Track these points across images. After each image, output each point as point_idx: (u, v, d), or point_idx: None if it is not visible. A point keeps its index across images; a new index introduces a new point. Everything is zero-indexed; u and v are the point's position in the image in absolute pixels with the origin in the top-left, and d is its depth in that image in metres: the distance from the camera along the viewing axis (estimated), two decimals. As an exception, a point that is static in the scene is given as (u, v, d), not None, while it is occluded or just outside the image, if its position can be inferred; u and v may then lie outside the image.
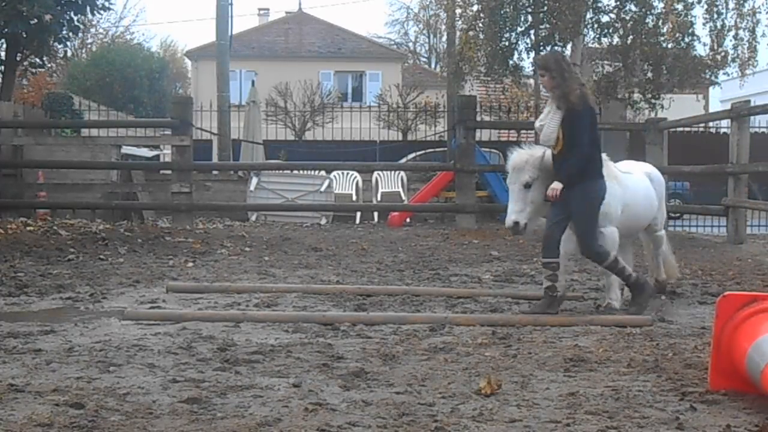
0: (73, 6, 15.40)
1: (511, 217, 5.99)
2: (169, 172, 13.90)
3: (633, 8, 18.64)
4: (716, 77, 19.97)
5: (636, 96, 19.53)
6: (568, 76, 5.96)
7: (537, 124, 6.03)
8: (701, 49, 19.17)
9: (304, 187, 15.25)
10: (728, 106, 11.94)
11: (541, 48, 19.52)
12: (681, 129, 16.35)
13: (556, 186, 5.86)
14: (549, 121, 5.90)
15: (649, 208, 6.62)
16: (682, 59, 18.41)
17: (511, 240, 10.86)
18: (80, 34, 25.29)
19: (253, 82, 20.81)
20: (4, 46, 16.21)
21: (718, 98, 35.21)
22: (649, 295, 6.17)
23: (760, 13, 18.77)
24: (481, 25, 19.53)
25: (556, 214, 5.97)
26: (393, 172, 17.32)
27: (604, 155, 6.21)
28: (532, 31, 19.49)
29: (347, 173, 17.03)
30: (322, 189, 15.25)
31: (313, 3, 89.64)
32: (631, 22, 18.52)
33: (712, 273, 8.04)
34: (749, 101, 11.95)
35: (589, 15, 18.79)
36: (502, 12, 19.02)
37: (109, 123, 18.17)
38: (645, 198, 6.55)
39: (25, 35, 15.11)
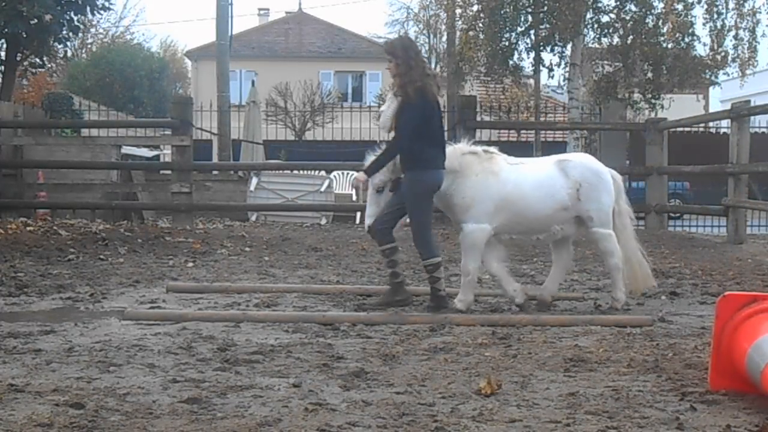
0: (73, 6, 15.40)
1: (366, 221, 6.09)
2: (169, 172, 13.90)
3: (633, 8, 18.65)
4: (716, 77, 19.98)
5: (636, 96, 19.54)
6: (413, 65, 5.92)
7: (381, 109, 6.08)
8: (701, 49, 19.21)
9: (304, 187, 15.25)
10: (728, 106, 11.94)
11: (542, 48, 19.55)
12: (681, 129, 16.35)
13: (359, 176, 6.09)
14: (386, 108, 5.99)
15: (546, 201, 6.08)
16: (682, 59, 18.42)
17: (510, 240, 10.84)
18: (80, 34, 25.28)
19: (253, 82, 20.81)
20: (4, 46, 16.21)
21: (718, 98, 35.20)
22: (441, 308, 6.00)
23: (760, 13, 18.81)
24: (481, 25, 19.55)
25: (392, 204, 6.11)
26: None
27: (492, 148, 6.21)
28: (532, 31, 19.50)
29: (347, 173, 17.03)
30: (322, 189, 15.25)
31: (313, 3, 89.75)
32: (631, 22, 18.54)
33: (712, 273, 8.03)
34: (749, 101, 11.96)
35: (589, 15, 18.80)
36: (502, 12, 19.04)
37: (109, 123, 18.15)
38: (536, 190, 6.07)
39: (25, 35, 15.11)
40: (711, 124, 19.52)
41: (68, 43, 20.46)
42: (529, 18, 19.48)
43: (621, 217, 6.40)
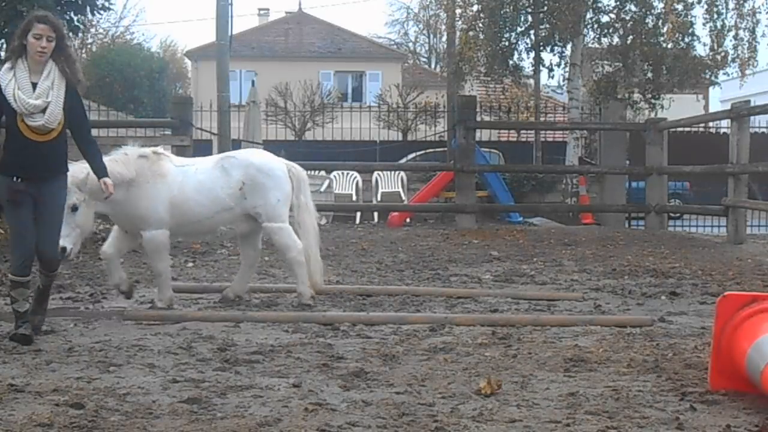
0: (73, 6, 15.37)
1: (60, 243, 5.34)
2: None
3: (633, 8, 18.64)
4: (716, 77, 19.97)
5: (636, 96, 19.53)
6: (70, 44, 5.67)
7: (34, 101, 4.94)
8: (701, 49, 19.20)
9: (304, 187, 15.23)
10: (728, 106, 11.94)
11: (542, 48, 19.55)
12: (681, 129, 16.34)
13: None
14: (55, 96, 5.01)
15: (207, 204, 5.98)
16: (682, 59, 18.41)
17: (511, 240, 10.86)
18: (80, 34, 25.24)
19: (253, 82, 20.78)
20: (4, 46, 16.20)
21: (718, 98, 35.18)
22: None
23: (760, 13, 18.81)
24: (481, 25, 19.54)
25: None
26: (393, 172, 17.32)
27: (160, 149, 6.09)
28: (532, 31, 19.51)
29: (347, 173, 17.03)
30: (322, 189, 15.24)
31: (313, 3, 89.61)
32: (631, 22, 18.53)
33: (712, 273, 8.03)
34: (749, 101, 11.95)
35: (589, 15, 18.80)
36: (502, 12, 19.03)
37: (109, 123, 18.11)
38: (198, 194, 5.96)
39: (25, 35, 15.12)
40: (711, 124, 19.52)
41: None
42: (529, 18, 19.47)
43: (300, 212, 6.35)
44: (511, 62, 19.73)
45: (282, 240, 6.21)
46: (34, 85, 4.94)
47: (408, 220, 15.29)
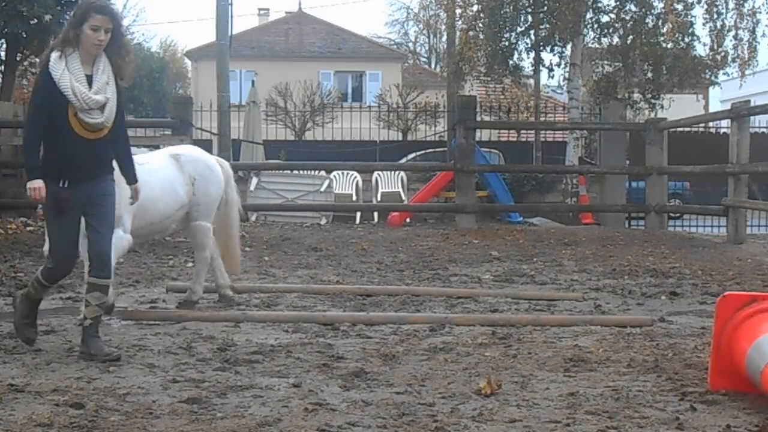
0: (73, 6, 15.36)
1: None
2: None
3: (633, 8, 18.65)
4: (716, 77, 19.97)
5: (636, 96, 19.54)
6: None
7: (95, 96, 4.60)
8: (701, 49, 19.20)
9: (304, 187, 15.24)
10: (728, 106, 11.92)
11: (542, 48, 19.55)
12: (681, 129, 16.34)
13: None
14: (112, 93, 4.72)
15: (170, 202, 5.77)
16: (682, 59, 18.41)
17: (511, 240, 10.86)
18: (80, 34, 25.27)
19: (253, 82, 20.80)
20: (4, 46, 16.19)
21: (718, 98, 35.18)
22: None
23: (760, 13, 18.80)
24: (481, 25, 19.55)
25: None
26: (393, 172, 17.31)
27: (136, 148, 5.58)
28: (532, 31, 19.50)
29: (347, 173, 17.02)
30: (322, 189, 15.24)
31: (313, 3, 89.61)
32: (631, 22, 18.53)
33: (712, 273, 8.03)
34: (749, 101, 11.94)
35: (589, 15, 18.80)
36: (502, 12, 19.03)
37: (109, 123, 18.13)
38: (164, 193, 5.71)
39: (25, 35, 15.08)
40: (711, 124, 19.52)
41: (68, 43, 20.48)
42: (529, 18, 19.47)
43: (228, 207, 6.35)
44: (511, 62, 19.73)
45: (205, 240, 6.14)
46: (89, 78, 4.57)
47: (408, 220, 15.28)
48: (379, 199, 16.84)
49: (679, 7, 18.01)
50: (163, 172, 5.82)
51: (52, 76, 4.52)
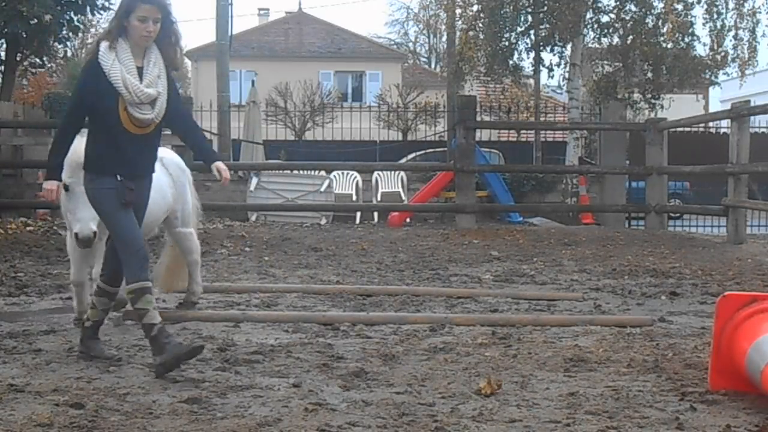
0: (73, 6, 15.37)
1: (90, 226, 4.75)
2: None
3: (633, 8, 18.65)
4: (716, 77, 19.97)
5: (636, 96, 19.54)
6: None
7: (147, 89, 4.38)
8: (701, 49, 19.20)
9: (304, 187, 15.25)
10: (728, 106, 11.92)
11: (542, 48, 19.55)
12: (681, 129, 16.34)
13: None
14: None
15: (161, 203, 5.57)
16: (682, 59, 18.42)
17: (511, 240, 10.86)
18: (80, 34, 25.21)
19: (253, 82, 20.80)
20: (4, 46, 16.18)
21: (718, 98, 35.19)
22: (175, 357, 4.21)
23: (760, 13, 18.79)
24: (481, 25, 19.54)
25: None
26: (393, 172, 17.32)
27: None
28: (532, 31, 19.50)
29: (347, 173, 17.03)
30: (322, 189, 15.24)
31: (313, 3, 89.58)
32: (631, 22, 18.54)
33: (712, 273, 8.03)
34: (749, 101, 11.94)
35: (589, 15, 18.80)
36: (502, 12, 19.03)
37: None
38: (155, 192, 5.13)
39: (25, 35, 15.08)
40: (711, 124, 19.52)
41: (68, 43, 20.43)
42: (529, 18, 19.47)
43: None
44: (511, 62, 19.73)
45: (191, 245, 6.09)
46: (139, 70, 4.36)
47: (408, 220, 15.29)
48: (379, 199, 16.85)
49: (679, 7, 18.01)
50: (156, 173, 5.70)
51: (102, 67, 4.30)
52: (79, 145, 4.57)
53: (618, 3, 18.78)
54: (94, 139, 4.41)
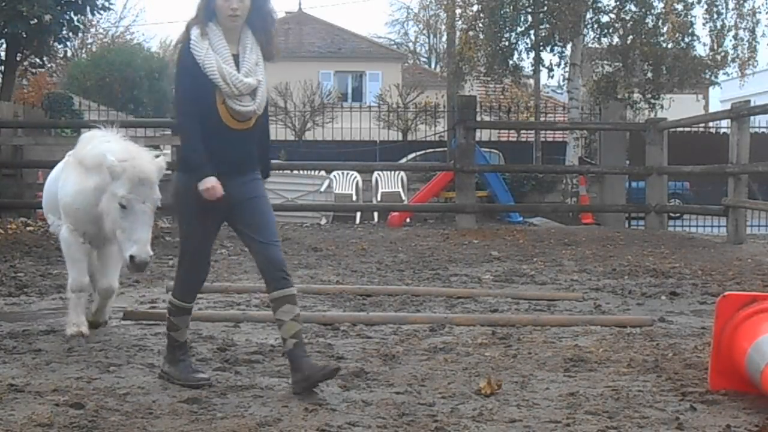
0: (73, 6, 15.38)
1: (148, 250, 4.45)
2: (168, 172, 13.86)
3: (633, 8, 18.66)
4: (716, 77, 19.98)
5: (636, 96, 19.55)
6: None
7: (246, 79, 3.92)
8: (701, 49, 19.22)
9: (304, 187, 15.25)
10: (728, 106, 11.93)
11: (541, 48, 19.55)
12: (681, 129, 16.34)
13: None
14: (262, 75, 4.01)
15: None
16: (682, 59, 18.43)
17: (511, 240, 10.86)
18: (80, 34, 25.24)
19: (253, 82, 20.77)
20: (4, 46, 16.19)
21: (718, 98, 35.19)
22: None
23: (760, 13, 18.82)
24: (481, 25, 19.54)
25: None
26: (393, 172, 17.32)
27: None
28: (532, 31, 19.50)
29: (347, 173, 17.03)
30: (322, 189, 15.25)
31: (313, 3, 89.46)
32: (631, 22, 18.54)
33: (712, 273, 8.03)
34: (749, 101, 11.94)
35: (589, 15, 18.81)
36: (502, 12, 19.03)
37: (109, 123, 18.12)
38: None
39: (25, 35, 15.09)
40: (711, 124, 19.52)
41: (68, 43, 20.46)
42: (529, 18, 19.47)
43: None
44: (511, 62, 19.73)
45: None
46: (235, 58, 3.89)
47: (408, 220, 15.29)
48: (379, 199, 16.85)
49: (679, 7, 18.02)
50: None
51: (195, 57, 3.84)
52: (140, 160, 4.34)
53: (618, 3, 18.79)
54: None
